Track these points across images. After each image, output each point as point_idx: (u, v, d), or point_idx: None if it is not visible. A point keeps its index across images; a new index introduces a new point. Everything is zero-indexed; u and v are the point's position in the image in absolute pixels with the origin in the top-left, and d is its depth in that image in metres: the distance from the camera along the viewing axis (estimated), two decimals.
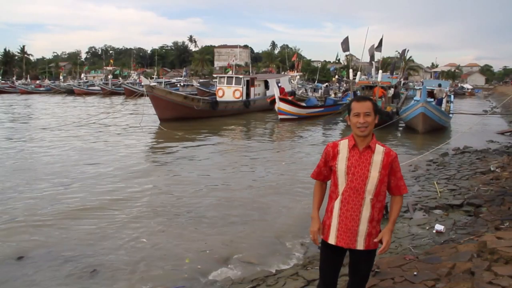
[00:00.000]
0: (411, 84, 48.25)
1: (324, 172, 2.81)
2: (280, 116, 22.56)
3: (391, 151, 2.67)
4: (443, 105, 21.31)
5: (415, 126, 17.81)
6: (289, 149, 14.35)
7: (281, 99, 22.46)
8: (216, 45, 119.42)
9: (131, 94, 38.12)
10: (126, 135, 17.09)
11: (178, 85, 52.71)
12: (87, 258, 5.36)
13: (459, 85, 73.14)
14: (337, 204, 2.66)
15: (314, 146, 14.41)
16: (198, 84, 47.30)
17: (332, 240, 2.67)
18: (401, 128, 19.82)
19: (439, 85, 23.66)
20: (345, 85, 36.27)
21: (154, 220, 6.78)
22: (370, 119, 2.60)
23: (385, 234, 2.64)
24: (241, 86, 26.89)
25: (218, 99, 26.07)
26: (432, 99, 19.34)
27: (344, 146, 2.69)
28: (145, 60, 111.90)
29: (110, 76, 66.09)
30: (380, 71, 22.66)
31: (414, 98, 20.77)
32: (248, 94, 27.43)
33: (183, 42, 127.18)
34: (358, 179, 2.60)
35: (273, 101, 23.50)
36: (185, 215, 7.04)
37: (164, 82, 53.23)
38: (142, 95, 22.82)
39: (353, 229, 2.61)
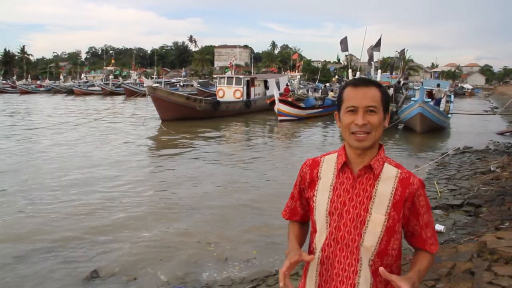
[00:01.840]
0: (411, 84, 48.25)
1: (300, 210, 1.72)
2: (279, 118, 22.58)
3: (412, 176, 1.51)
4: (442, 105, 21.32)
5: (413, 126, 17.84)
6: (288, 150, 14.35)
7: (280, 101, 22.48)
8: (216, 45, 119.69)
9: (131, 94, 38.13)
10: (127, 134, 17.09)
11: (178, 85, 52.78)
12: (87, 257, 5.36)
13: (459, 85, 73.15)
14: (314, 264, 1.58)
15: (313, 147, 14.42)
16: (198, 85, 47.36)
17: None
18: (399, 128, 19.81)
19: (438, 85, 23.68)
20: None
21: (153, 219, 6.78)
22: (376, 120, 1.46)
23: (403, 279, 1.39)
24: (242, 86, 26.85)
25: (219, 99, 26.08)
26: (431, 99, 19.35)
27: (329, 166, 1.59)
28: (145, 60, 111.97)
29: (110, 76, 66.14)
30: (379, 71, 22.68)
31: (412, 99, 20.79)
32: (248, 94, 27.38)
33: (183, 42, 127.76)
34: (348, 225, 1.49)
35: (272, 102, 23.51)
36: (184, 214, 7.04)
37: (164, 82, 53.28)
38: (143, 95, 22.86)
39: None
